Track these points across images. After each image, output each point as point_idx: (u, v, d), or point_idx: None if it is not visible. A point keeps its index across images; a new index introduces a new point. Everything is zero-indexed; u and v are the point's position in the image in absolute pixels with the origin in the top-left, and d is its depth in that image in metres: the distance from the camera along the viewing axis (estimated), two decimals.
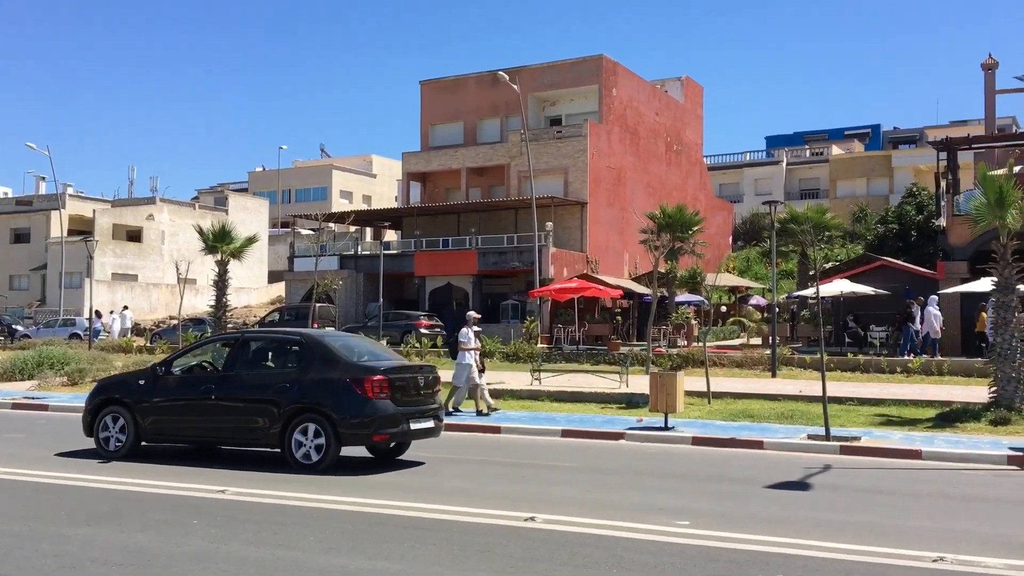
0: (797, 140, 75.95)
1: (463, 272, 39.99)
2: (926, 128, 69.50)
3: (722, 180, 68.22)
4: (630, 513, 9.10)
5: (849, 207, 58.12)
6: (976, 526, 8.77)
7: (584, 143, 41.22)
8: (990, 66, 40.38)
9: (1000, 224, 16.83)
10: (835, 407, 17.37)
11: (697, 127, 54.31)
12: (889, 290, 30.39)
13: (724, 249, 55.65)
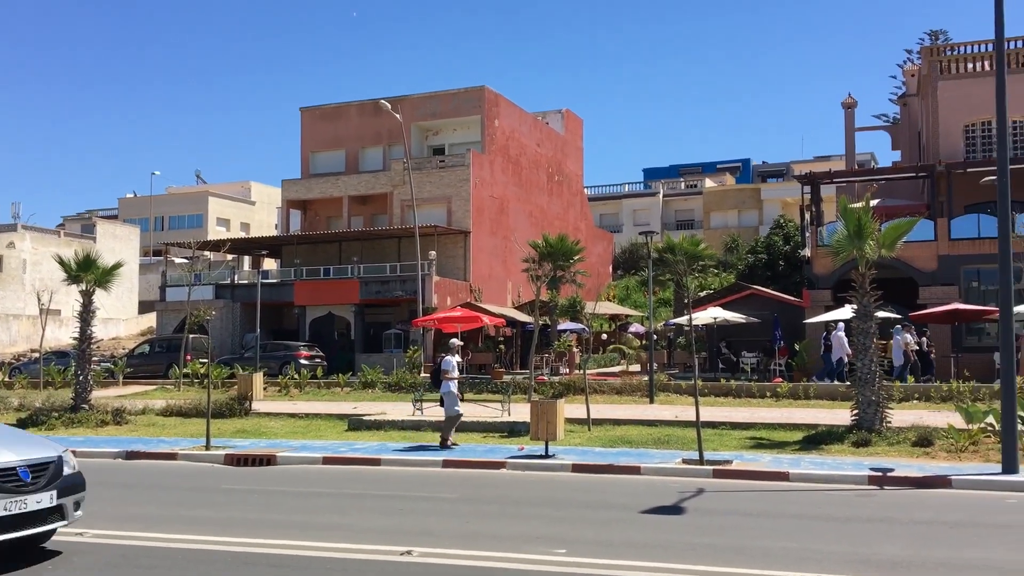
0: (673, 173, 78.48)
1: (345, 301, 39.43)
2: (792, 163, 72.97)
3: (602, 210, 69.75)
4: (509, 543, 9.09)
5: (722, 237, 60.32)
6: (836, 545, 9.13)
7: (467, 172, 41.45)
8: (850, 105, 42.84)
9: (859, 254, 17.75)
10: (709, 431, 17.87)
11: (578, 158, 55.43)
12: (759, 317, 31.60)
13: (605, 278, 56.79)
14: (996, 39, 14.53)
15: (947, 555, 8.67)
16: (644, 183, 75.25)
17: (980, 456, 14.78)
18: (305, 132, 46.78)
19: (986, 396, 21.12)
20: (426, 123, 45.07)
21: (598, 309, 41.58)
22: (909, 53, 64.63)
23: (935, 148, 34.11)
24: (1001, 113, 14.46)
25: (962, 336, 29.82)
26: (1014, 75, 32.09)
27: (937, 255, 30.03)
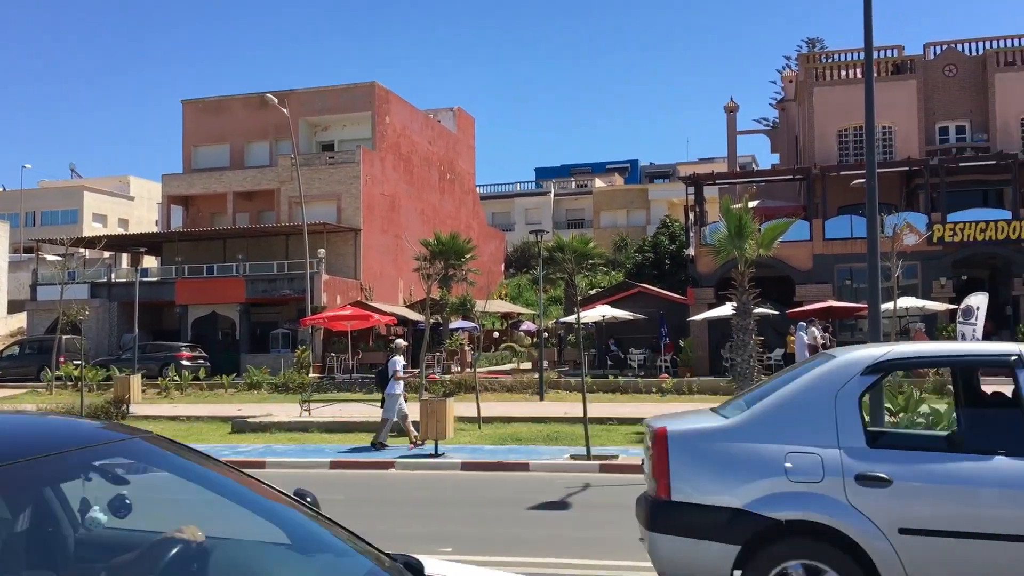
0: (564, 172, 79.47)
1: (229, 300, 38.34)
2: (678, 164, 74.94)
3: (494, 209, 70.03)
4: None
5: (611, 236, 61.44)
6: None
7: (357, 169, 40.90)
8: (731, 109, 44.27)
9: (739, 253, 18.32)
10: (597, 427, 18.17)
11: (470, 157, 55.47)
12: (646, 315, 32.31)
13: (497, 276, 57.05)
14: (866, 48, 15.23)
15: None
16: (536, 182, 75.95)
17: None
18: (187, 125, 45.27)
19: None
20: (314, 118, 44.26)
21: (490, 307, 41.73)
22: (788, 60, 67.27)
23: (811, 152, 35.60)
24: (869, 119, 15.18)
25: (836, 332, 31.22)
26: (883, 83, 33.83)
27: (812, 254, 31.37)
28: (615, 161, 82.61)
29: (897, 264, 21.26)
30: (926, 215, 30.78)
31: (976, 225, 30.13)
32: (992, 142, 33.80)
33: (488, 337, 44.40)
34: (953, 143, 34.76)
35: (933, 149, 34.24)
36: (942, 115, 35.00)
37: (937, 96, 34.97)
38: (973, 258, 31.35)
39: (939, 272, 30.50)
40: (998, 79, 34.06)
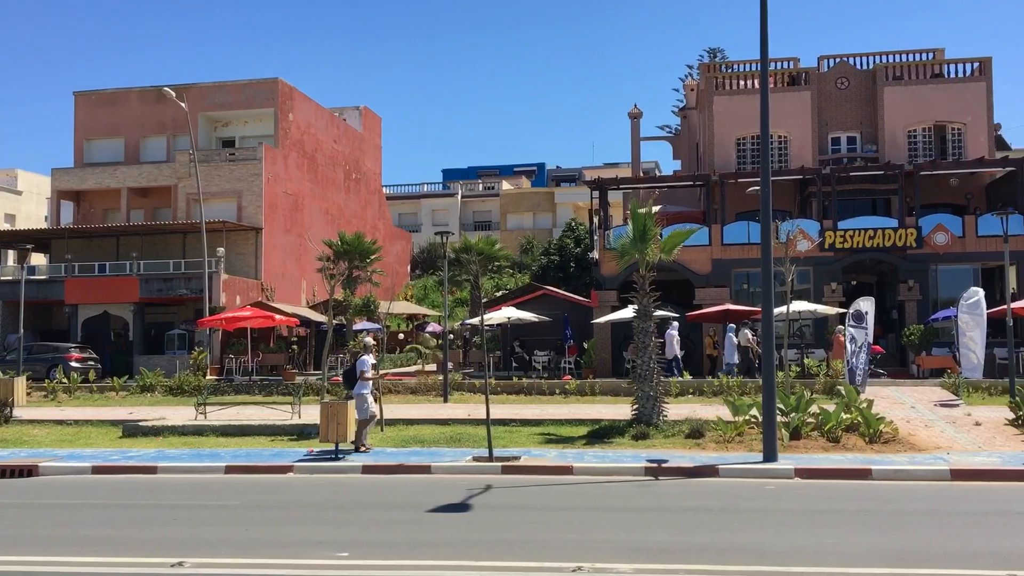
0: (472, 174, 79.44)
1: (123, 300, 36.95)
2: (584, 168, 75.77)
3: (401, 210, 69.52)
4: (289, 549, 8.82)
5: (518, 239, 61.74)
6: (613, 535, 9.53)
7: (259, 167, 39.99)
8: (636, 115, 45.00)
9: (641, 257, 18.67)
10: (500, 429, 18.23)
11: (376, 157, 54.92)
12: (551, 317, 32.57)
13: (403, 277, 56.63)
14: (761, 59, 15.72)
15: (711, 539, 9.26)
16: (443, 183, 75.70)
17: (745, 446, 15.91)
18: (79, 118, 43.45)
19: (752, 390, 22.78)
20: (215, 113, 43.07)
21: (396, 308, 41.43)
22: (690, 69, 68.82)
23: (711, 159, 36.50)
24: (764, 128, 15.65)
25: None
26: (778, 93, 34.98)
27: (711, 259, 32.15)
28: (523, 164, 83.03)
29: (790, 269, 21.94)
30: (818, 222, 31.91)
31: (865, 232, 31.38)
32: (881, 153, 35.28)
33: (393, 338, 44.06)
34: (845, 153, 36.15)
35: (826, 159, 35.53)
36: (835, 126, 36.36)
37: (830, 107, 36.32)
38: (862, 264, 32.66)
39: (830, 277, 31.66)
40: (887, 92, 35.57)
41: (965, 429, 17.53)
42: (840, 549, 8.68)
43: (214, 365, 33.96)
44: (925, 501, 11.59)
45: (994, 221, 28.00)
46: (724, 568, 8.00)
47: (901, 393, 23.58)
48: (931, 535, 9.39)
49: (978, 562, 8.05)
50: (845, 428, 16.47)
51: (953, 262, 31.18)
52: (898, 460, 14.31)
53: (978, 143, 34.86)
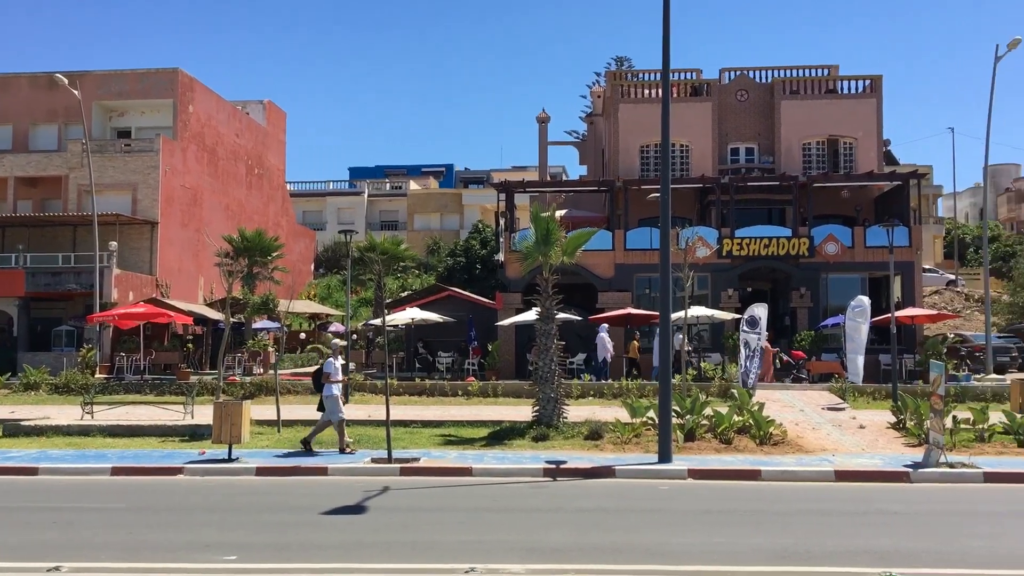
0: (379, 173, 78.71)
1: (7, 294, 35.15)
2: (492, 171, 76.02)
3: (305, 207, 68.38)
4: (174, 553, 8.54)
5: (424, 239, 61.46)
6: (509, 536, 9.56)
7: (156, 159, 38.67)
8: (544, 120, 45.39)
9: (544, 260, 18.80)
10: (401, 430, 18.10)
11: (280, 152, 53.81)
12: (455, 318, 32.51)
13: (306, 276, 55.65)
14: (663, 70, 16.04)
15: (605, 539, 9.38)
16: (349, 182, 74.78)
17: (642, 447, 16.19)
18: None
19: (650, 393, 23.19)
20: (110, 103, 41.46)
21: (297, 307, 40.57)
22: (597, 76, 69.89)
23: (615, 165, 37.06)
24: (665, 136, 15.97)
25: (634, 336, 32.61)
26: (681, 103, 35.74)
27: (614, 263, 32.65)
28: (431, 165, 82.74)
29: (689, 275, 22.46)
30: (717, 230, 32.74)
31: (760, 241, 32.38)
32: (777, 164, 36.44)
33: (294, 338, 43.24)
34: (743, 163, 37.18)
35: (725, 168, 36.48)
36: (734, 137, 37.38)
37: (730, 119, 37.32)
38: (757, 271, 33.67)
39: (727, 284, 32.54)
40: (784, 106, 36.78)
41: (850, 432, 18.23)
42: (729, 548, 8.91)
43: (104, 363, 32.66)
44: (811, 501, 12.00)
45: (881, 233, 29.24)
46: (617, 568, 8.11)
47: (791, 397, 24.37)
48: (815, 534, 9.73)
49: (858, 560, 8.37)
50: (737, 430, 16.93)
51: (842, 271, 32.43)
52: (786, 461, 14.78)
53: (868, 157, 36.37)
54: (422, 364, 33.40)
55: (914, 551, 8.76)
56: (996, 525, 10.30)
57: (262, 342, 35.86)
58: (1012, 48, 31.30)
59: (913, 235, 32.03)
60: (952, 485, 13.27)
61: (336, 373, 16.22)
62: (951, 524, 10.33)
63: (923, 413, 16.67)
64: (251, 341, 34.75)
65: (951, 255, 59.66)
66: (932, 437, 14.47)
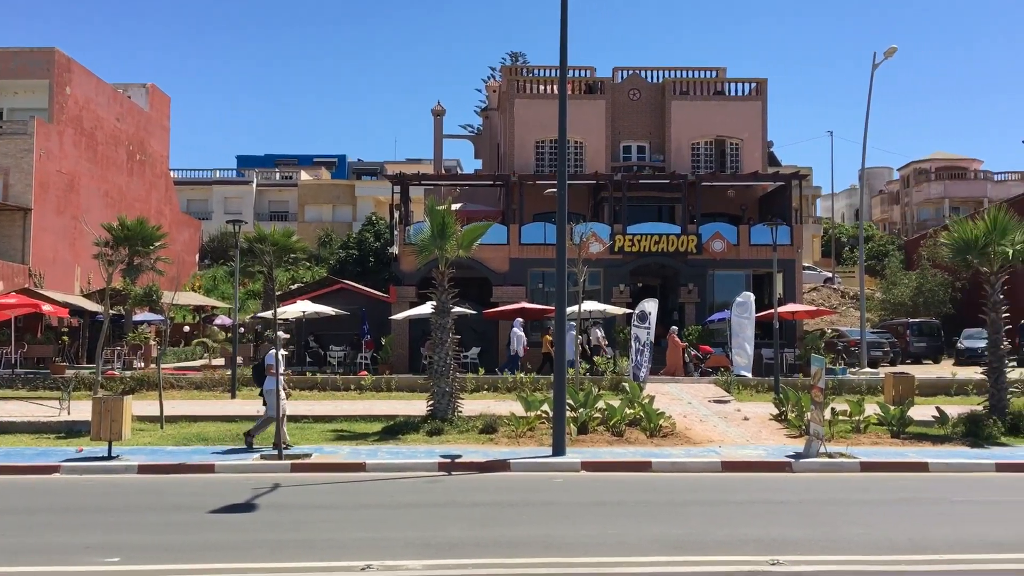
0: (268, 163, 76.73)
1: None
2: (386, 163, 75.16)
3: (191, 196, 66.16)
4: (51, 556, 8.11)
5: (316, 231, 60.31)
6: (404, 531, 9.46)
7: (30, 142, 36.69)
8: (439, 112, 45.16)
9: (440, 253, 18.69)
10: (291, 426, 17.69)
11: (164, 138, 51.87)
12: (348, 311, 32.04)
13: (190, 267, 53.85)
14: (560, 67, 16.16)
15: (501, 533, 9.39)
16: (237, 170, 72.65)
17: (536, 440, 16.30)
18: None
19: (544, 387, 23.37)
20: None
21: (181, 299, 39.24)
22: (493, 70, 69.90)
23: (511, 160, 37.22)
24: (562, 133, 16.10)
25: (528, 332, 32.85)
26: (576, 100, 36.15)
27: (509, 258, 32.80)
28: (323, 155, 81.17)
29: (583, 270, 22.74)
30: (610, 226, 33.30)
31: (651, 237, 33.09)
32: (667, 163, 37.30)
33: (178, 331, 41.80)
34: (635, 161, 37.91)
35: (618, 165, 37.13)
36: (626, 135, 38.07)
37: (623, 117, 37.98)
38: (648, 267, 34.41)
39: (619, 279, 33.14)
40: (674, 106, 37.66)
41: (735, 424, 18.82)
42: (622, 539, 9.05)
43: None
44: (700, 492, 12.31)
45: (765, 231, 30.30)
46: (512, 561, 8.12)
47: (680, 390, 24.99)
48: (704, 524, 9.98)
49: (746, 549, 8.62)
50: (629, 423, 17.24)
51: (728, 268, 33.47)
52: (675, 453, 15.15)
53: (753, 158, 37.61)
54: (313, 358, 32.82)
55: (799, 539, 9.09)
56: (873, 513, 10.79)
57: (144, 335, 34.51)
58: (889, 56, 32.90)
59: (795, 234, 33.30)
60: (831, 475, 13.86)
61: (278, 366, 15.61)
62: (832, 512, 10.78)
63: (804, 405, 17.34)
64: (131, 334, 33.41)
65: (828, 254, 62.40)
66: (812, 428, 15.08)
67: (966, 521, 10.32)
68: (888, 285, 45.62)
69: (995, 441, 16.34)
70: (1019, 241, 17.92)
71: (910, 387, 20.84)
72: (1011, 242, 17.87)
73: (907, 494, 12.20)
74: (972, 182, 69.21)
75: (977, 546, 8.79)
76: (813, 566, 7.98)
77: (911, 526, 9.92)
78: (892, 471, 14.04)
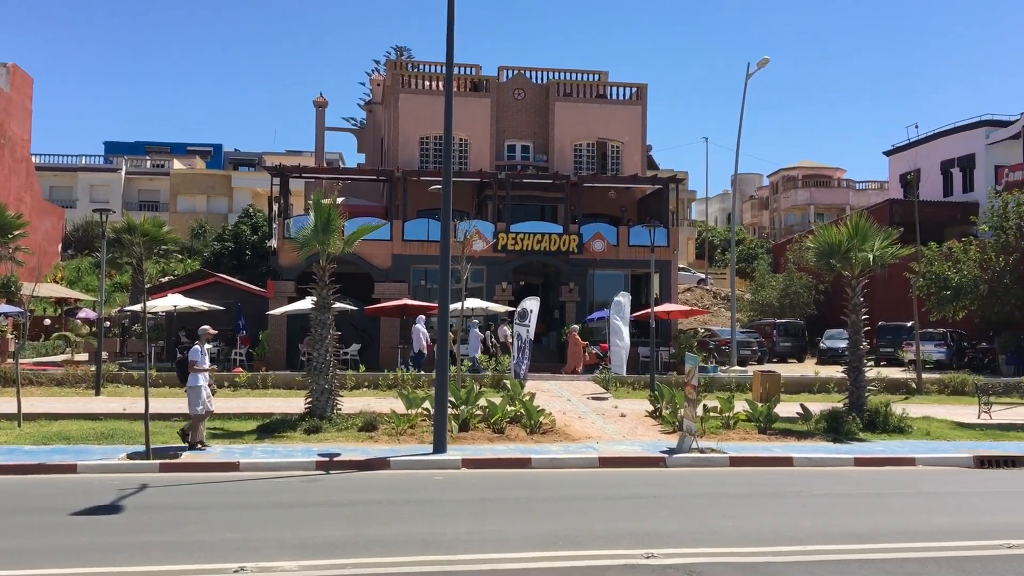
0: (139, 150, 73.66)
1: None
2: (265, 154, 73.27)
3: (54, 183, 62.81)
4: None
5: (189, 222, 58.24)
6: (280, 532, 9.23)
7: None
8: (321, 104, 44.31)
9: (322, 248, 18.34)
10: (161, 424, 17.05)
11: (25, 121, 49.02)
12: (223, 306, 31.07)
13: (52, 257, 51.10)
14: (447, 63, 16.11)
15: (380, 532, 9.28)
16: (105, 157, 69.43)
17: (417, 438, 16.20)
18: None
19: (426, 384, 23.29)
20: None
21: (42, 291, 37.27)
22: (377, 63, 69.20)
23: (395, 155, 36.88)
24: (448, 130, 16.06)
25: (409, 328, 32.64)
26: (461, 98, 36.12)
27: (392, 254, 32.51)
28: (198, 143, 78.42)
29: (466, 267, 22.75)
30: (493, 224, 33.44)
31: (534, 236, 33.42)
32: (551, 163, 37.76)
33: (38, 324, 39.61)
34: (519, 160, 38.20)
35: (502, 164, 37.33)
36: (511, 134, 38.32)
37: (508, 116, 38.22)
38: (530, 266, 34.74)
39: (501, 277, 33.33)
40: (558, 107, 38.14)
41: (612, 420, 19.22)
42: (501, 535, 9.09)
43: None
44: (578, 487, 12.51)
45: (643, 232, 31.06)
46: (392, 560, 8.04)
47: (559, 387, 25.34)
48: (583, 519, 10.14)
49: (622, 543, 8.80)
50: (509, 420, 17.36)
51: (608, 268, 34.14)
52: (555, 449, 15.34)
53: (633, 161, 38.49)
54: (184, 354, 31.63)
55: (672, 532, 9.35)
56: (742, 506, 11.21)
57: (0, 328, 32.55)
58: (761, 66, 34.26)
59: (671, 236, 34.26)
60: (703, 469, 14.33)
61: (202, 361, 15.27)
62: (703, 506, 11.13)
63: (678, 402, 17.86)
64: None
65: (702, 256, 64.56)
66: (685, 424, 15.55)
67: (827, 513, 10.84)
68: (757, 287, 47.55)
69: (854, 437, 17.24)
70: (878, 247, 18.97)
71: (776, 385, 21.78)
72: (871, 247, 18.89)
73: (773, 487, 12.74)
74: (836, 190, 72.92)
75: (838, 537, 9.25)
76: (686, 558, 8.21)
77: (777, 518, 10.36)
78: (759, 465, 14.63)
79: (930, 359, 32.78)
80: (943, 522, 10.32)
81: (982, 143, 46.25)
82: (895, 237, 19.78)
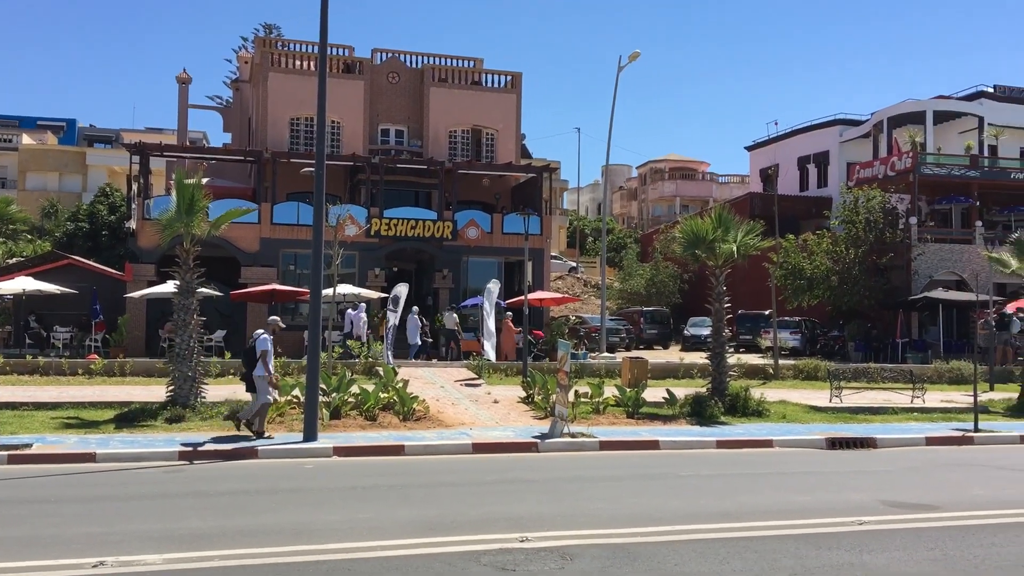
0: None
1: None
2: (123, 130, 69.80)
3: None
4: None
5: (39, 201, 54.88)
6: (142, 524, 8.83)
7: None
8: (184, 80, 42.50)
9: (186, 231, 17.62)
10: (9, 413, 16.20)
11: None
12: (77, 290, 29.48)
13: None
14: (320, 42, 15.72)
15: (248, 522, 9.02)
16: None
17: (286, 427, 15.82)
18: None
19: (295, 371, 22.76)
20: None
21: None
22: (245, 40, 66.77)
23: (263, 136, 35.80)
24: (321, 111, 15.68)
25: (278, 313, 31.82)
26: (334, 79, 35.36)
27: (260, 237, 31.59)
28: (49, 118, 73.85)
29: (338, 252, 22.37)
30: (366, 209, 32.95)
31: (407, 222, 33.14)
32: (425, 148, 37.50)
33: None
34: (393, 145, 37.77)
35: (376, 148, 36.82)
36: (385, 118, 37.82)
37: (381, 100, 37.69)
38: (404, 252, 34.45)
39: (374, 263, 32.91)
40: (432, 93, 37.90)
41: (485, 406, 19.32)
42: (374, 523, 8.99)
43: None
44: (452, 473, 12.51)
45: (517, 220, 31.25)
46: (260, 550, 7.82)
47: (433, 374, 25.28)
48: (457, 504, 10.15)
49: (496, 527, 8.85)
50: (382, 407, 17.19)
51: (482, 255, 34.25)
52: (428, 436, 15.30)
53: (507, 149, 38.70)
54: (34, 340, 29.93)
55: (546, 515, 9.47)
56: (613, 488, 11.47)
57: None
58: (632, 60, 35.00)
59: (544, 224, 34.65)
60: (574, 453, 14.60)
61: (270, 352, 14.86)
62: (575, 489, 11.33)
63: (550, 388, 18.12)
64: None
65: (573, 244, 65.68)
66: (557, 410, 15.80)
67: (694, 494, 11.22)
68: (625, 276, 48.77)
69: (716, 420, 17.94)
70: (740, 239, 19.75)
71: (644, 371, 22.39)
72: (734, 239, 19.66)
73: (642, 470, 13.10)
74: (700, 183, 75.54)
75: (705, 516, 9.58)
76: (559, 541, 8.33)
77: (647, 499, 10.66)
78: (628, 449, 15.02)
79: (786, 346, 34.43)
80: (802, 500, 10.85)
81: (836, 141, 48.82)
82: (759, 230, 20.62)
